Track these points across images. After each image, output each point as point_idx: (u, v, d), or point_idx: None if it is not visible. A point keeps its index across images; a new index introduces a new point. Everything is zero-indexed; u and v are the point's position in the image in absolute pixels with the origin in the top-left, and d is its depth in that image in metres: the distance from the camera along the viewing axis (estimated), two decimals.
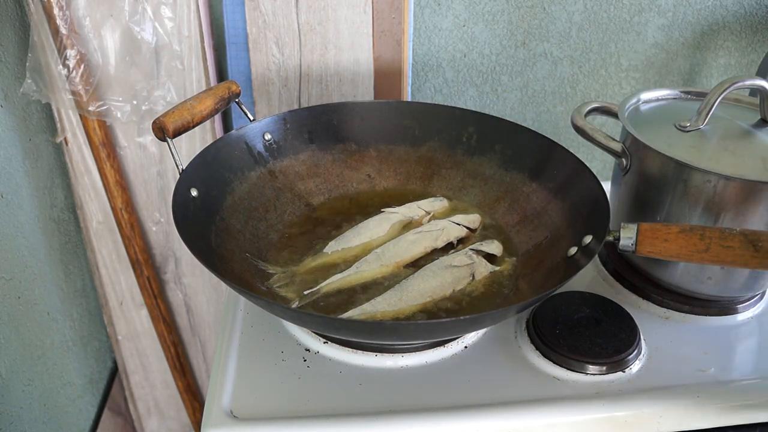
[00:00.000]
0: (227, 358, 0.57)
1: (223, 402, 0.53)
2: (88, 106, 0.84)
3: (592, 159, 1.08)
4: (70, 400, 0.97)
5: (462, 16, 0.95)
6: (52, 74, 0.82)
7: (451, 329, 0.53)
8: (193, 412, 1.15)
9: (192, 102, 0.63)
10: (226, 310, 0.64)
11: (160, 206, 0.98)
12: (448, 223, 0.68)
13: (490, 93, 1.02)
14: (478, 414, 0.52)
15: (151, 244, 1.01)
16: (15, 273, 0.82)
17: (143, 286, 1.00)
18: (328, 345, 0.58)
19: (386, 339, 0.56)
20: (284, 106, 0.93)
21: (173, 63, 0.86)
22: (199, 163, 0.63)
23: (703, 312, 0.65)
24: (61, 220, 0.95)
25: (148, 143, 0.93)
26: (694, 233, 0.52)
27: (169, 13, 0.83)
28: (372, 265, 0.63)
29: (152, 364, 1.11)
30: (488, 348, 0.59)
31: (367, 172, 0.77)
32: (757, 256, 0.50)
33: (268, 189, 0.71)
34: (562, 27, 0.97)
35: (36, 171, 0.87)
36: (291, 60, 0.89)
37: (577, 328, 0.59)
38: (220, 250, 0.60)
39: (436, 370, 0.57)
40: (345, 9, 0.87)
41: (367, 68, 0.91)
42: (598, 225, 0.56)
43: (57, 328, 0.93)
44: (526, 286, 0.61)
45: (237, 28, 0.88)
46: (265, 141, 0.72)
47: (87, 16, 0.81)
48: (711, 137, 0.63)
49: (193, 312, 1.09)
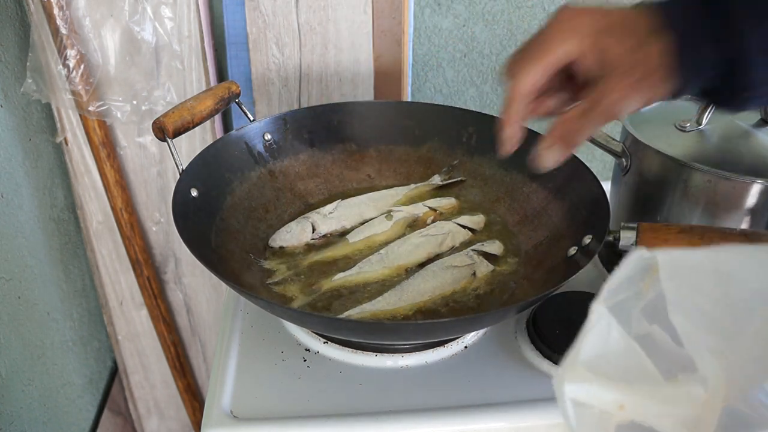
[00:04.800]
0: (227, 358, 0.57)
1: (223, 402, 0.53)
2: (88, 106, 0.84)
3: (592, 159, 1.08)
4: (70, 400, 0.97)
5: (462, 16, 0.95)
6: (52, 74, 0.82)
7: (451, 329, 0.53)
8: (193, 412, 1.15)
9: (192, 102, 0.63)
10: (226, 310, 0.64)
11: (160, 206, 0.98)
12: (453, 227, 0.68)
13: (490, 93, 1.02)
14: (478, 414, 0.52)
15: (151, 244, 1.01)
16: (15, 273, 0.82)
17: (143, 286, 1.00)
18: (328, 345, 0.58)
19: (386, 339, 0.56)
20: (284, 106, 0.93)
21: (173, 63, 0.86)
22: (199, 163, 0.63)
23: None
24: (61, 220, 0.95)
25: (148, 143, 0.93)
26: (694, 233, 0.52)
27: (169, 13, 0.83)
28: (375, 267, 0.63)
29: (152, 364, 1.11)
30: (488, 348, 0.59)
31: (367, 172, 0.77)
32: None
33: (268, 189, 0.71)
34: None
35: (36, 171, 0.87)
36: (291, 60, 0.89)
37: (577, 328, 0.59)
38: (220, 250, 0.60)
39: (436, 370, 0.57)
40: (345, 9, 0.87)
41: (367, 68, 0.91)
42: (598, 225, 0.56)
43: (57, 328, 0.93)
44: (526, 286, 0.61)
45: (237, 28, 0.88)
46: (265, 141, 0.72)
47: (87, 16, 0.81)
48: (711, 137, 0.63)
49: (193, 312, 1.09)
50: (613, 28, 0.43)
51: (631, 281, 0.28)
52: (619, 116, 0.44)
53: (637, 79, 0.42)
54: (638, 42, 0.42)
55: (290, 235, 0.67)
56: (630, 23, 0.43)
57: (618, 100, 0.43)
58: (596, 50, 0.43)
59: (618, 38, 0.43)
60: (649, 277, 0.28)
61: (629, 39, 0.43)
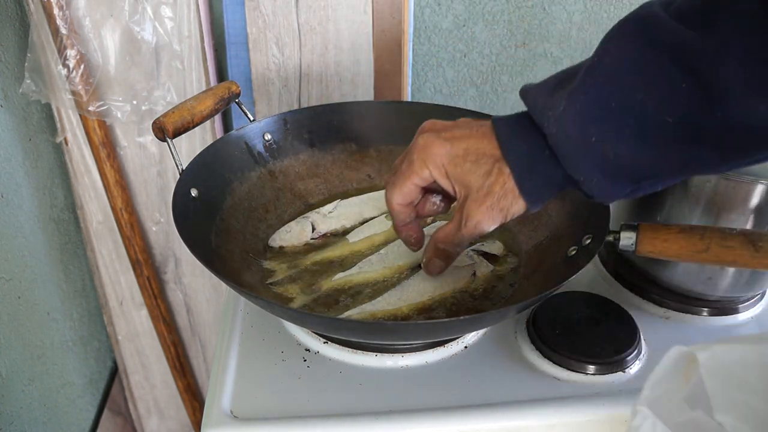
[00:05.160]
0: (227, 358, 0.57)
1: (223, 402, 0.53)
2: (88, 106, 0.84)
3: None
4: (70, 400, 0.97)
5: (462, 16, 0.95)
6: (52, 74, 0.82)
7: (451, 329, 0.53)
8: (193, 412, 1.15)
9: (192, 102, 0.63)
10: (226, 310, 0.64)
11: (160, 206, 0.98)
12: None
13: (490, 93, 1.02)
14: (478, 414, 0.52)
15: (151, 244, 1.01)
16: (15, 273, 0.82)
17: (143, 286, 1.00)
18: (328, 345, 0.58)
19: (386, 339, 0.56)
20: (284, 106, 0.93)
21: (173, 63, 0.86)
22: (199, 163, 0.63)
23: (703, 312, 0.65)
24: (61, 220, 0.95)
25: (148, 143, 0.93)
26: (694, 233, 0.52)
27: (169, 13, 0.83)
28: (375, 266, 0.63)
29: (152, 364, 1.11)
30: (488, 348, 0.59)
31: (367, 172, 0.77)
32: (757, 256, 0.50)
33: (268, 189, 0.71)
34: (562, 27, 0.97)
35: (36, 171, 0.87)
36: (291, 60, 0.89)
37: (577, 328, 0.59)
38: (220, 250, 0.60)
39: (436, 370, 0.56)
40: (345, 9, 0.87)
41: (367, 68, 0.91)
42: (598, 225, 0.56)
43: (57, 328, 0.93)
44: (526, 286, 0.61)
45: (237, 28, 0.88)
46: (265, 141, 0.72)
47: (87, 16, 0.81)
48: None
49: (193, 312, 1.09)
50: (468, 155, 0.48)
51: (672, 375, 0.27)
52: (484, 233, 0.50)
53: (490, 204, 0.47)
54: (489, 169, 0.47)
55: (290, 235, 0.67)
56: (483, 149, 0.47)
57: (478, 223, 0.48)
58: (454, 175, 0.49)
59: (472, 164, 0.48)
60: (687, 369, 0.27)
61: (482, 166, 0.47)
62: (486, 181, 0.47)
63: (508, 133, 0.47)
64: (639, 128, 0.41)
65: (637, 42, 0.40)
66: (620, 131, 0.41)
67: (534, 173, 0.46)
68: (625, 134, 0.41)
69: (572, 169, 0.44)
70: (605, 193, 0.45)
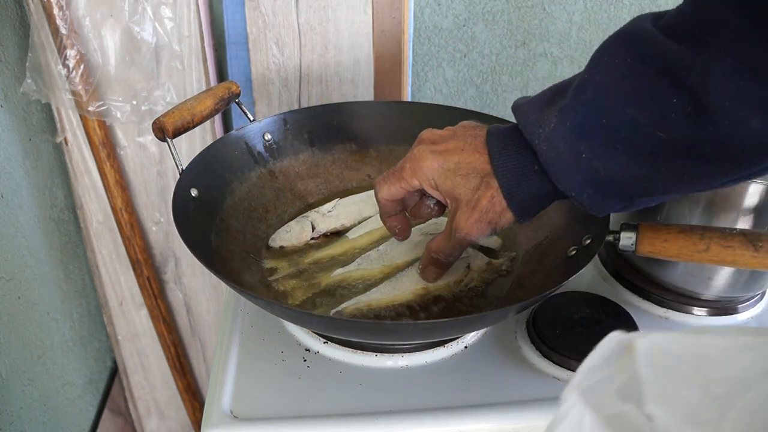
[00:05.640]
0: (227, 358, 0.57)
1: (223, 402, 0.53)
2: (88, 106, 0.84)
3: None
4: (70, 400, 0.97)
5: (462, 16, 0.95)
6: (52, 74, 0.82)
7: (451, 329, 0.53)
8: (193, 412, 1.15)
9: (192, 102, 0.63)
10: (226, 310, 0.64)
11: (160, 206, 0.98)
12: None
13: (490, 93, 1.02)
14: (478, 414, 0.52)
15: (151, 244, 1.01)
16: (15, 273, 0.82)
17: (143, 286, 1.00)
18: (328, 345, 0.58)
19: (386, 339, 0.56)
20: (284, 106, 0.93)
21: (173, 63, 0.86)
22: (199, 163, 0.63)
23: (703, 312, 0.65)
24: (61, 220, 0.95)
25: (148, 143, 0.93)
26: (694, 233, 0.52)
27: (169, 13, 0.83)
28: (374, 263, 0.63)
29: (152, 364, 1.11)
30: (488, 348, 0.59)
31: (367, 173, 0.77)
32: (757, 256, 0.50)
33: (268, 189, 0.71)
34: (562, 27, 0.97)
35: (36, 171, 0.87)
36: (291, 60, 0.89)
37: (577, 328, 0.59)
38: (220, 250, 0.60)
39: (436, 370, 0.57)
40: (345, 9, 0.87)
41: (367, 68, 0.91)
42: (598, 225, 0.56)
43: (57, 328, 0.93)
44: (526, 285, 0.61)
45: (237, 28, 0.88)
46: (265, 141, 0.72)
47: (87, 16, 0.81)
48: None
49: (193, 312, 1.09)
50: (459, 169, 0.49)
51: (607, 363, 0.26)
52: (474, 243, 0.51)
53: (478, 217, 0.49)
54: (478, 184, 0.48)
55: (290, 235, 0.67)
56: (474, 163, 0.48)
57: (467, 234, 0.50)
58: (444, 188, 0.50)
59: (462, 178, 0.49)
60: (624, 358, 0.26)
61: (471, 180, 0.48)
62: (474, 194, 0.48)
63: (500, 147, 0.48)
64: (630, 144, 0.41)
65: (627, 57, 0.40)
66: (611, 147, 0.41)
67: (523, 187, 0.47)
68: (617, 150, 0.41)
69: (563, 185, 0.45)
70: (597, 207, 0.46)
